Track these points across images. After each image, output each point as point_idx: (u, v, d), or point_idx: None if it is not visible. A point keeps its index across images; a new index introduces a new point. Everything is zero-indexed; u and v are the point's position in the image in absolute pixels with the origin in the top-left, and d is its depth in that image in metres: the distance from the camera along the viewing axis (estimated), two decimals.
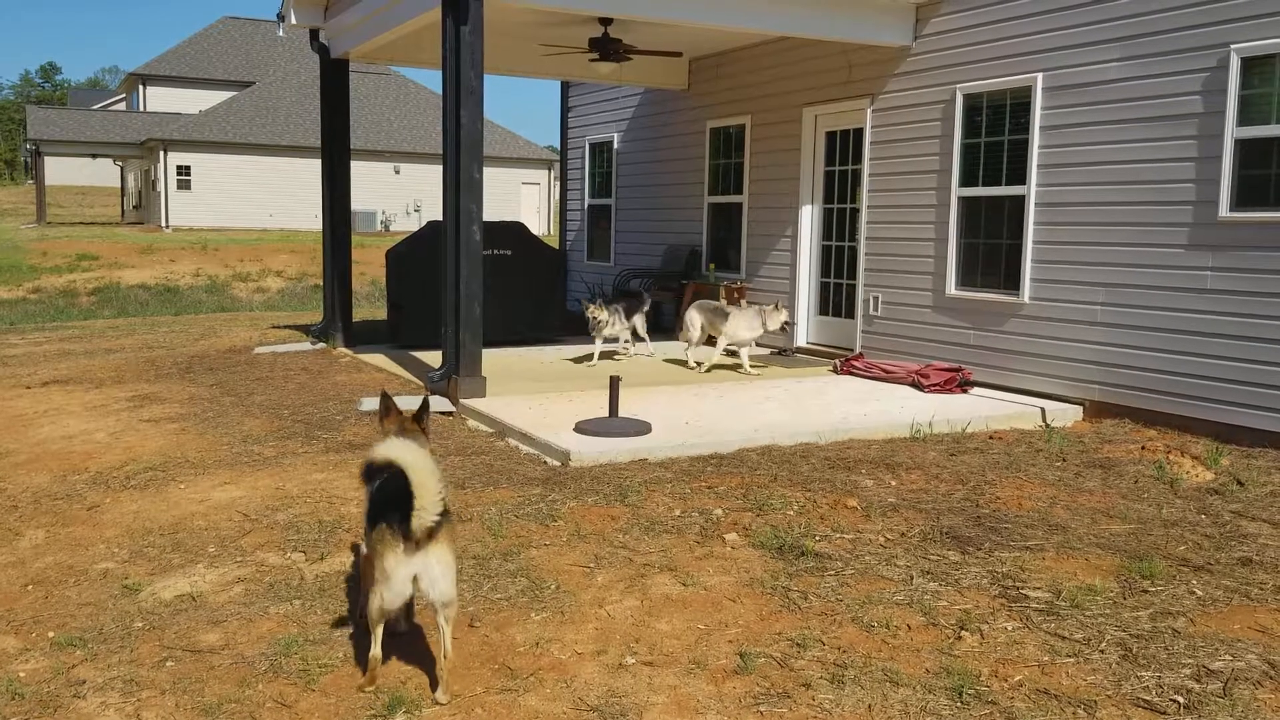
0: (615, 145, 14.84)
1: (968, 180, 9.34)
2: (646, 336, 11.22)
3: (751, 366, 10.02)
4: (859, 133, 10.58)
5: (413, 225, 39.81)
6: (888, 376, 9.54)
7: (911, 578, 4.73)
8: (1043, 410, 8.32)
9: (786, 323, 9.99)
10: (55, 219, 45.31)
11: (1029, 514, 5.74)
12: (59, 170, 55.51)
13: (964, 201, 9.39)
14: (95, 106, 55.17)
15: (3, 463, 6.92)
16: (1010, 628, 4.20)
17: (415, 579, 3.59)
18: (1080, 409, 8.41)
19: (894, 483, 6.32)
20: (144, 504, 5.92)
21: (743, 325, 9.84)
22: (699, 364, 10.12)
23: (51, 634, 4.19)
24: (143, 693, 3.70)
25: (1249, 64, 7.26)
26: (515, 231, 12.10)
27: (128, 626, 4.25)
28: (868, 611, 4.35)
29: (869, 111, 10.32)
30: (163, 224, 39.53)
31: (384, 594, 3.61)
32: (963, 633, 4.15)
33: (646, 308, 11.13)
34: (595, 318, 10.23)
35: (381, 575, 3.61)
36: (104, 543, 5.28)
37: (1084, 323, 8.40)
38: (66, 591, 4.65)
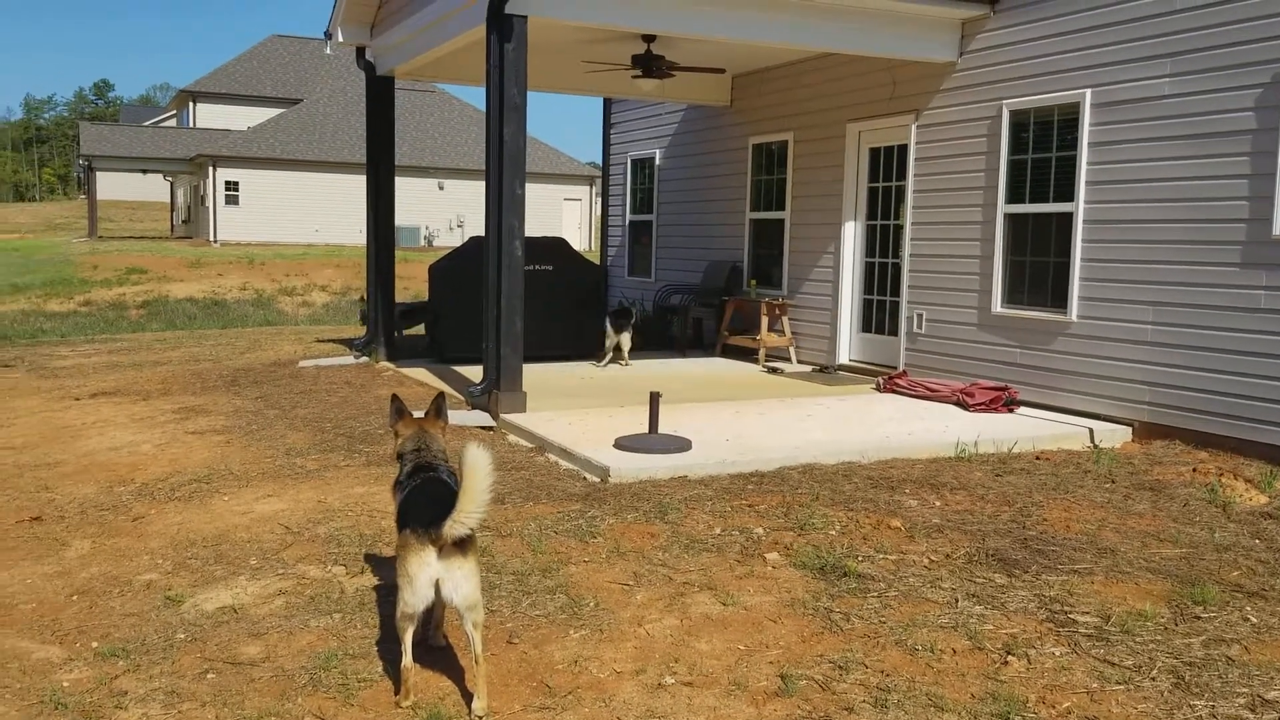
0: (657, 161, 14.85)
1: (1014, 197, 9.23)
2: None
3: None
4: (903, 149, 10.51)
5: (455, 240, 40.11)
6: (932, 395, 9.43)
7: (956, 600, 4.65)
8: (1091, 431, 8.18)
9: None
10: (106, 233, 46.15)
11: (1077, 536, 5.63)
12: (110, 185, 56.59)
13: (1010, 219, 9.28)
14: (146, 123, 56.21)
15: (51, 473, 7.02)
16: (1058, 653, 4.11)
17: (438, 584, 3.60)
18: (1129, 430, 8.25)
19: (938, 503, 6.23)
20: (188, 516, 5.97)
21: None
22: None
23: (95, 644, 4.22)
24: (183, 704, 3.71)
25: None
26: (557, 247, 12.14)
27: (170, 638, 4.28)
28: (911, 634, 4.27)
29: (913, 128, 10.24)
30: (211, 239, 40.13)
31: (407, 596, 3.63)
32: (1009, 657, 4.07)
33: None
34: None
35: (405, 578, 3.63)
36: (148, 554, 5.33)
37: (1133, 342, 8.26)
38: (111, 602, 4.69)
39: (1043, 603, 4.63)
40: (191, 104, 51.75)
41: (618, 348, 11.57)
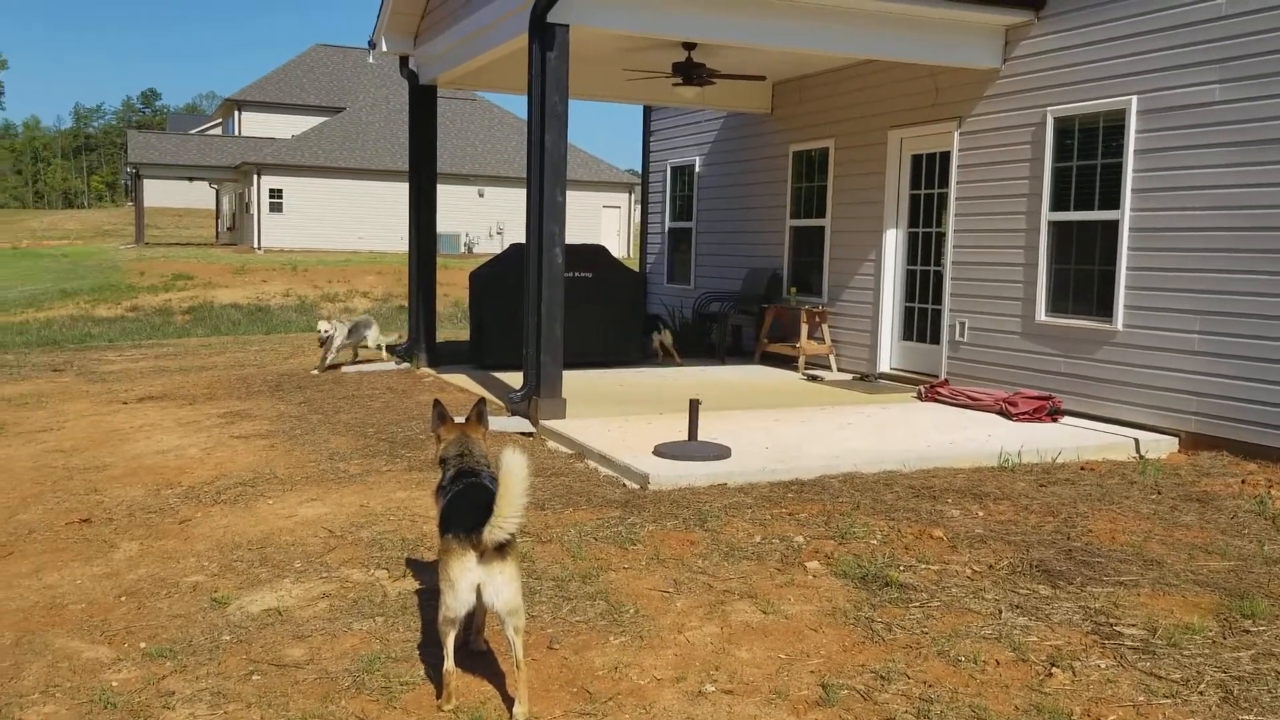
0: (697, 168, 14.86)
1: (1059, 204, 9.14)
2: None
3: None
4: (946, 156, 10.45)
5: (495, 247, 40.33)
6: (974, 404, 9.35)
7: (1000, 611, 4.61)
8: (1136, 441, 8.08)
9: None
10: (153, 240, 46.86)
11: (1123, 548, 5.56)
12: (157, 193, 57.48)
13: (1054, 226, 9.19)
14: (193, 131, 57.11)
15: (100, 476, 7.14)
16: (1103, 666, 4.06)
17: (479, 588, 3.62)
18: (1176, 440, 8.14)
19: (981, 513, 6.18)
20: (234, 519, 6.05)
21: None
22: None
23: (143, 645, 4.29)
24: (229, 705, 3.76)
25: None
26: (596, 254, 12.17)
27: (216, 639, 4.33)
28: (954, 645, 4.24)
29: (956, 134, 10.18)
30: (255, 245, 40.63)
31: (449, 601, 3.66)
32: (1054, 670, 4.02)
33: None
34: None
35: (446, 583, 3.66)
36: (194, 556, 5.40)
37: (1180, 351, 8.15)
38: (158, 603, 4.76)
39: (1088, 615, 4.58)
40: (237, 112, 52.47)
41: (664, 348, 12.54)
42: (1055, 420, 8.82)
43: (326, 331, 11.99)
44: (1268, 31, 7.50)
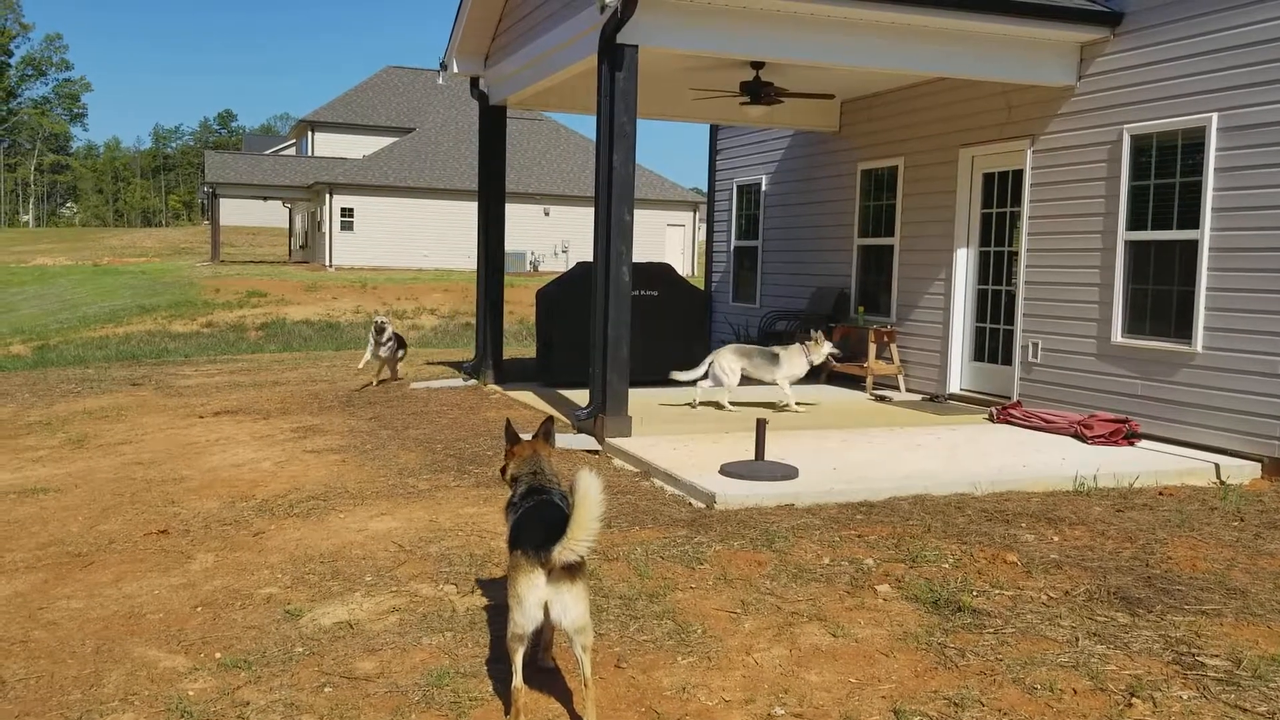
0: (763, 187, 14.83)
1: (1135, 224, 8.96)
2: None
3: (798, 405, 10.23)
4: (1018, 174, 10.30)
5: (560, 266, 40.58)
6: (1048, 426, 9.18)
7: (1077, 639, 4.50)
8: (1217, 466, 7.86)
9: (831, 354, 10.44)
10: (228, 257, 47.95)
11: (1204, 576, 5.40)
12: (232, 211, 58.86)
13: (1131, 246, 9.01)
14: (267, 151, 58.37)
15: (177, 488, 7.29)
16: (1185, 697, 3.95)
17: (546, 606, 3.62)
18: (1258, 466, 7.90)
19: (1056, 538, 6.05)
20: (306, 532, 6.14)
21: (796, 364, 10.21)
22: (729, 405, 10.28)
23: (218, 655, 4.36)
24: (302, 716, 3.80)
25: None
26: (663, 273, 12.19)
27: (289, 651, 4.39)
28: (1030, 673, 4.15)
29: (1029, 152, 10.03)
30: (327, 263, 41.36)
31: (516, 617, 3.67)
32: (1133, 700, 3.92)
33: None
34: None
35: (515, 599, 3.67)
36: (268, 568, 5.49)
37: (1262, 374, 7.92)
38: (233, 614, 4.84)
39: (1168, 644, 4.46)
40: (310, 133, 53.55)
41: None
42: (1132, 444, 8.62)
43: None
44: None
